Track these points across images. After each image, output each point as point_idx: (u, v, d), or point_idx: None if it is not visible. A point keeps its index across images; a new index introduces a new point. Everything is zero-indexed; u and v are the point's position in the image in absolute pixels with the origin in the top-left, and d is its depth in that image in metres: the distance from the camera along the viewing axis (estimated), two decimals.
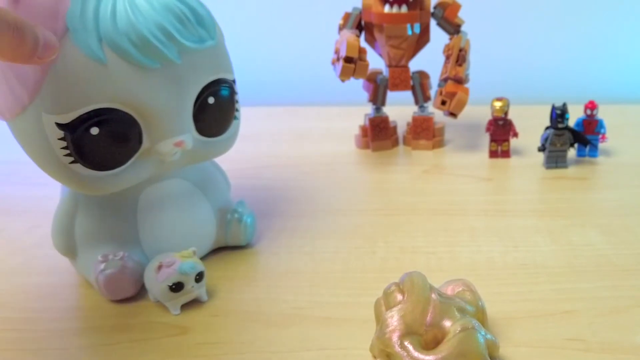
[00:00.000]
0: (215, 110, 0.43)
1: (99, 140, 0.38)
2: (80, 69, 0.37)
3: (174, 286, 0.40)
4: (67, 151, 0.38)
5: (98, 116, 0.38)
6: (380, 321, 0.36)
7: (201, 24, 0.40)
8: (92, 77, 0.37)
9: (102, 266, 0.42)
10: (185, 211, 0.45)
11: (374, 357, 0.36)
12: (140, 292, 0.44)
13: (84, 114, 0.37)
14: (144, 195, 0.44)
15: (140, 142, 0.40)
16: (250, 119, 0.67)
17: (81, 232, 0.44)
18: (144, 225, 0.44)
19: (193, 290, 0.41)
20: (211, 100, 0.42)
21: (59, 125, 0.37)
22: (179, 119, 0.41)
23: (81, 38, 0.36)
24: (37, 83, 0.37)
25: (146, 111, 0.39)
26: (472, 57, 0.68)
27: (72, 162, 0.39)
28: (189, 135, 0.42)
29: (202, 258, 0.46)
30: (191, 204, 0.46)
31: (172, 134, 0.41)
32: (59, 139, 0.38)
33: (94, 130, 0.38)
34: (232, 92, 0.44)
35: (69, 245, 0.45)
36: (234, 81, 0.45)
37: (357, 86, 0.70)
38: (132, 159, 0.40)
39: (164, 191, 0.45)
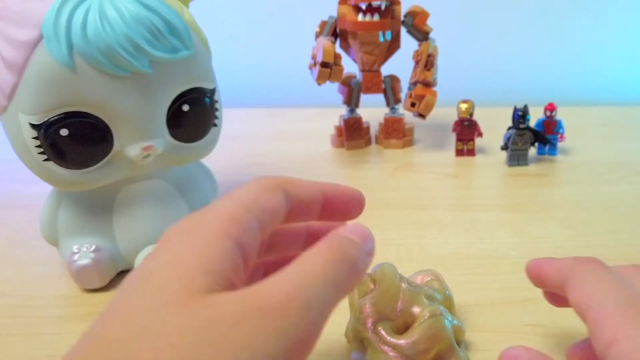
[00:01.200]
0: (190, 117, 0.43)
1: (68, 141, 0.39)
2: (51, 74, 0.37)
3: None
4: (41, 149, 0.39)
5: (68, 119, 0.39)
6: (354, 308, 0.36)
7: (174, 35, 0.39)
8: (62, 81, 0.38)
9: (76, 257, 0.43)
10: (158, 211, 0.46)
11: (349, 341, 0.37)
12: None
13: (54, 116, 0.38)
14: (122, 193, 0.45)
15: (111, 144, 0.41)
16: (234, 120, 0.67)
17: (62, 223, 0.46)
18: (118, 221, 0.45)
19: None
20: (186, 107, 0.42)
21: (32, 126, 0.39)
22: (149, 124, 0.41)
23: (53, 45, 0.37)
24: (13, 85, 0.38)
25: (115, 116, 0.40)
26: (440, 62, 0.68)
27: (45, 160, 0.40)
28: (160, 141, 0.42)
29: None
30: (166, 205, 0.46)
31: (141, 139, 0.41)
32: (32, 138, 0.39)
33: (64, 132, 0.39)
34: (211, 101, 0.44)
35: (51, 235, 0.46)
36: (213, 90, 0.44)
37: (332, 89, 0.71)
38: (104, 160, 0.41)
39: (141, 190, 0.45)
